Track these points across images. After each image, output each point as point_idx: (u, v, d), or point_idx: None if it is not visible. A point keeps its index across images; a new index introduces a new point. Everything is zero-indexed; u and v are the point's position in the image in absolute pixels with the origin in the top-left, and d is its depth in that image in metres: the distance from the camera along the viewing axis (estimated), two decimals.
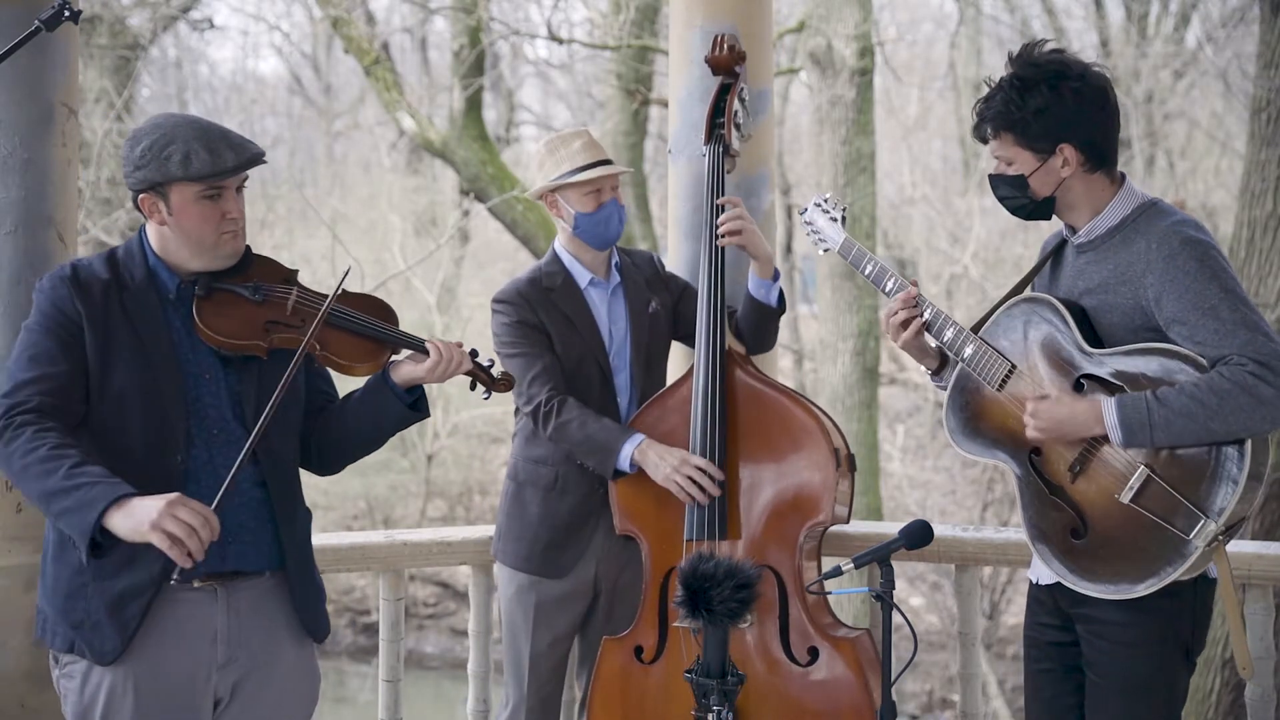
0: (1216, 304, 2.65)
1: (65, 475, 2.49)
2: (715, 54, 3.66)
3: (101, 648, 2.65)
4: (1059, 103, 2.77)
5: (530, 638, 3.59)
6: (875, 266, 3.14)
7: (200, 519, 2.45)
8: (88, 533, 2.46)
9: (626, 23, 12.12)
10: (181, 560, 2.45)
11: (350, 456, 2.95)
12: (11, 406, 2.59)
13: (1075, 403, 2.75)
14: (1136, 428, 2.65)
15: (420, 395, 2.87)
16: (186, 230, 2.70)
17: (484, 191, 11.95)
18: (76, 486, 2.48)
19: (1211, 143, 15.84)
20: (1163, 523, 2.66)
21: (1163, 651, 2.79)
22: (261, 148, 2.75)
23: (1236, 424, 2.59)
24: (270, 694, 2.80)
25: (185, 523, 2.43)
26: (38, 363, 2.63)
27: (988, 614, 12.76)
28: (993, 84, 2.86)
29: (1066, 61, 2.82)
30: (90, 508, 2.45)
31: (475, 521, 14.83)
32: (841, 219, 3.30)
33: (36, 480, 2.51)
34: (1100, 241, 2.84)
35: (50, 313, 2.68)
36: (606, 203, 3.57)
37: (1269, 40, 6.87)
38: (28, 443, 2.53)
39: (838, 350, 10.59)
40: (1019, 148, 2.83)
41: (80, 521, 2.47)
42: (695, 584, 2.47)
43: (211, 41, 21.79)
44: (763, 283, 3.58)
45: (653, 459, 3.42)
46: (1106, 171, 2.85)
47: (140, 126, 2.74)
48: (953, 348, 2.97)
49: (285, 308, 2.75)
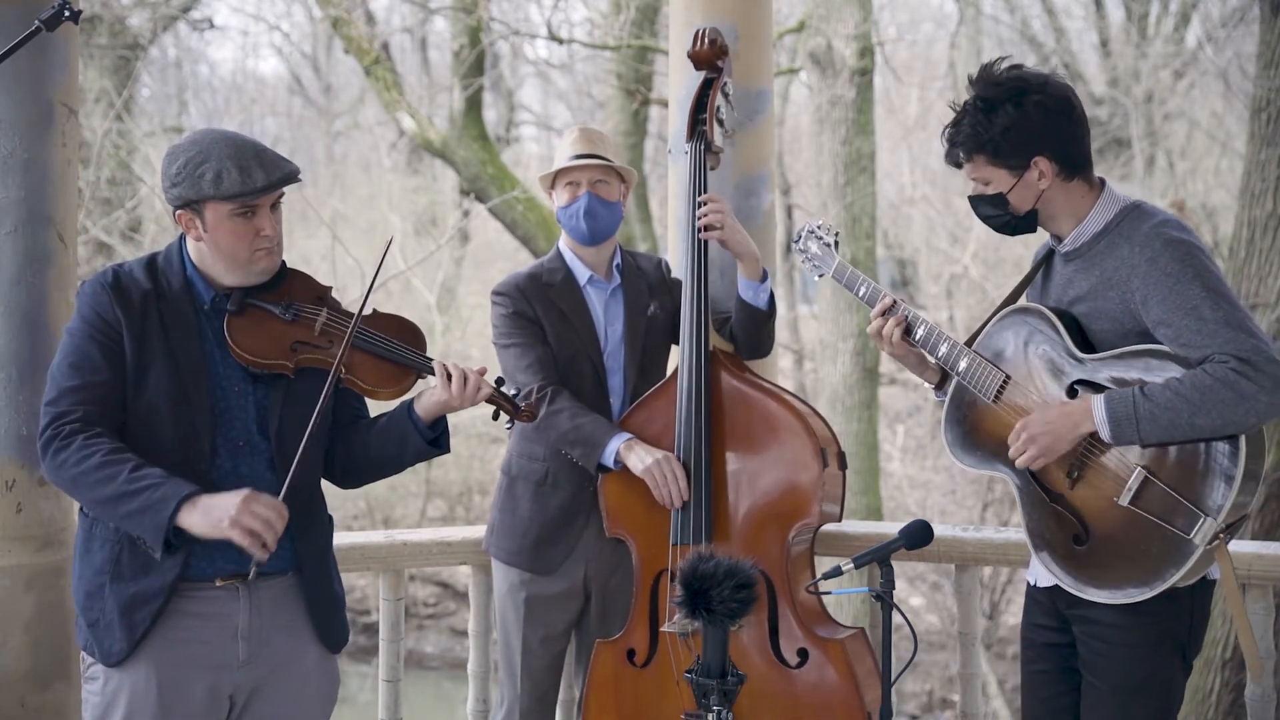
0: (1199, 304, 2.66)
1: (127, 480, 2.57)
2: (696, 49, 3.60)
3: (110, 649, 2.69)
4: (1024, 118, 2.79)
5: (522, 635, 3.60)
6: (869, 288, 3.16)
7: (275, 513, 2.58)
8: (162, 532, 2.56)
9: (626, 23, 12.12)
10: (260, 554, 2.58)
11: (369, 477, 2.97)
12: (58, 416, 2.65)
13: (1064, 405, 2.77)
14: (1124, 422, 2.67)
15: (443, 431, 2.88)
16: (221, 247, 2.74)
17: (484, 191, 11.95)
18: (141, 489, 2.57)
19: (1211, 143, 15.83)
20: (1163, 523, 2.67)
21: (1159, 653, 2.80)
22: (295, 165, 2.78)
23: (1220, 419, 2.61)
24: (290, 692, 2.82)
25: (262, 518, 2.55)
26: (80, 371, 2.68)
27: (988, 614, 12.76)
28: (955, 107, 2.89)
29: (1025, 76, 2.84)
30: (161, 508, 2.55)
31: (475, 521, 14.83)
32: (835, 244, 3.32)
33: (95, 487, 2.60)
34: (1086, 249, 2.86)
35: (91, 318, 2.72)
36: (580, 196, 3.56)
37: (1269, 40, 6.87)
38: (79, 451, 2.61)
39: (838, 350, 10.59)
40: (993, 167, 2.86)
41: (152, 523, 2.56)
42: (695, 584, 2.46)
43: (211, 41, 21.82)
44: (750, 284, 3.55)
45: (637, 453, 3.42)
46: (1084, 178, 2.87)
47: (179, 142, 2.77)
48: (947, 362, 2.98)
49: (314, 328, 2.78)
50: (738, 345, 3.64)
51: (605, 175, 3.59)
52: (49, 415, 2.66)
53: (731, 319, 3.63)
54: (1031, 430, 2.78)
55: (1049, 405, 2.79)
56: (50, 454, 2.63)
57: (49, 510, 3.42)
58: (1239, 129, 13.94)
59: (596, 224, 3.58)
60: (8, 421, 3.36)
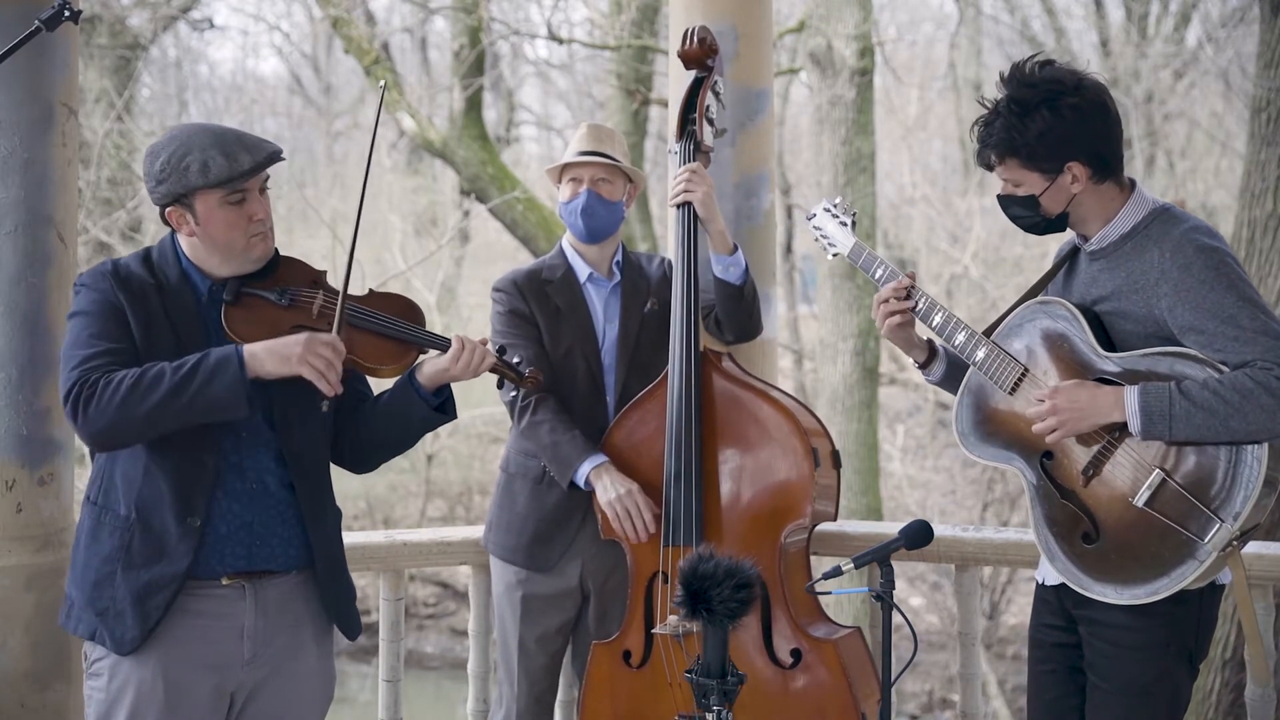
0: (1235, 312, 2.63)
1: (173, 372, 2.58)
2: (686, 48, 3.57)
3: (122, 636, 2.68)
4: (1061, 122, 2.74)
5: (519, 633, 3.60)
6: (886, 270, 3.11)
7: (334, 351, 2.65)
8: (241, 385, 2.58)
9: (626, 23, 12.12)
10: (329, 389, 2.64)
11: (381, 456, 2.98)
12: (81, 375, 2.61)
13: (1097, 388, 2.72)
14: (1157, 417, 2.63)
15: (448, 397, 2.88)
16: (215, 237, 2.74)
17: (484, 191, 11.95)
18: (193, 367, 2.59)
19: (1211, 143, 15.83)
20: (1177, 527, 2.65)
21: (1166, 656, 2.78)
22: (278, 145, 2.78)
23: (1257, 424, 2.58)
24: (290, 692, 2.83)
25: (324, 356, 2.63)
26: (99, 339, 2.66)
27: (988, 614, 12.75)
28: (986, 104, 2.83)
29: (1060, 77, 2.78)
30: (226, 367, 2.59)
31: (475, 521, 14.81)
32: (851, 224, 3.25)
33: (145, 398, 2.57)
34: (1112, 249, 2.82)
35: (98, 300, 2.71)
36: (580, 193, 3.56)
37: (1269, 40, 6.87)
38: (107, 386, 2.58)
39: (838, 350, 10.58)
40: (1026, 170, 2.80)
41: (224, 384, 2.58)
42: (695, 584, 2.46)
43: (211, 41, 21.77)
44: (721, 258, 3.50)
45: (605, 482, 3.42)
46: (1115, 180, 2.83)
47: (157, 141, 2.77)
48: (964, 351, 2.95)
49: (311, 311, 2.78)
50: (724, 329, 3.60)
51: (609, 174, 3.58)
52: (70, 380, 2.61)
53: (716, 307, 3.59)
54: (1058, 404, 2.74)
55: (1082, 384, 2.75)
56: (81, 407, 2.58)
57: (49, 510, 3.42)
58: (1239, 129, 13.94)
59: (594, 222, 3.58)
60: (8, 421, 3.36)
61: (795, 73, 13.22)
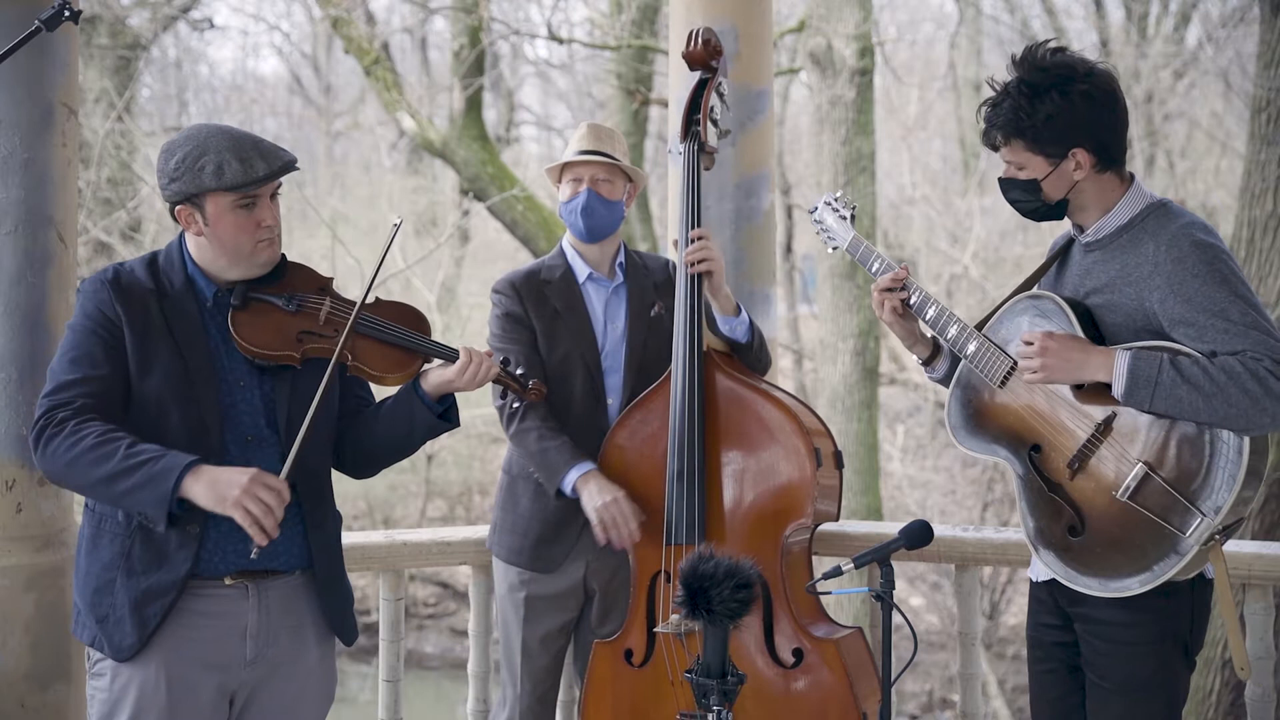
0: (1226, 306, 2.64)
1: (124, 456, 2.55)
2: (690, 49, 3.57)
3: (120, 643, 2.68)
4: (1070, 107, 2.75)
5: (521, 633, 3.60)
6: (882, 264, 3.14)
7: (277, 499, 2.56)
8: (165, 503, 2.54)
9: (626, 23, 12.12)
10: (260, 539, 2.56)
11: (382, 462, 2.98)
12: (53, 406, 2.63)
13: (1090, 345, 2.74)
14: (1142, 382, 2.64)
15: (451, 405, 2.89)
16: (223, 240, 2.74)
17: (484, 191, 11.96)
18: (140, 464, 2.55)
19: (1211, 143, 15.83)
20: (1159, 520, 2.66)
21: (1161, 651, 2.79)
22: (293, 154, 2.78)
23: (1238, 409, 2.59)
24: (292, 691, 2.83)
25: (264, 502, 2.54)
26: (79, 365, 2.67)
27: (988, 614, 12.76)
28: (996, 85, 2.84)
29: (1072, 63, 2.79)
30: (163, 479, 2.54)
31: (475, 521, 14.83)
32: (851, 218, 3.29)
33: (91, 467, 2.57)
34: (1108, 241, 2.83)
35: (93, 313, 2.71)
36: (580, 192, 3.56)
37: (1269, 40, 6.88)
38: (71, 435, 2.59)
39: (838, 350, 10.59)
40: (1030, 153, 2.81)
41: (153, 495, 2.54)
42: (695, 584, 2.46)
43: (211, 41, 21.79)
44: (726, 319, 3.52)
45: (591, 490, 3.42)
46: (1116, 171, 2.84)
47: (174, 139, 2.77)
48: (955, 344, 2.97)
49: (318, 317, 2.78)
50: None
51: (609, 174, 3.58)
52: (43, 407, 2.64)
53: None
54: (1049, 346, 2.74)
55: (1076, 338, 2.75)
56: (43, 443, 2.61)
57: (49, 510, 3.42)
58: (1239, 129, 13.96)
59: (594, 221, 3.58)
60: (8, 421, 3.36)
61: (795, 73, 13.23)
